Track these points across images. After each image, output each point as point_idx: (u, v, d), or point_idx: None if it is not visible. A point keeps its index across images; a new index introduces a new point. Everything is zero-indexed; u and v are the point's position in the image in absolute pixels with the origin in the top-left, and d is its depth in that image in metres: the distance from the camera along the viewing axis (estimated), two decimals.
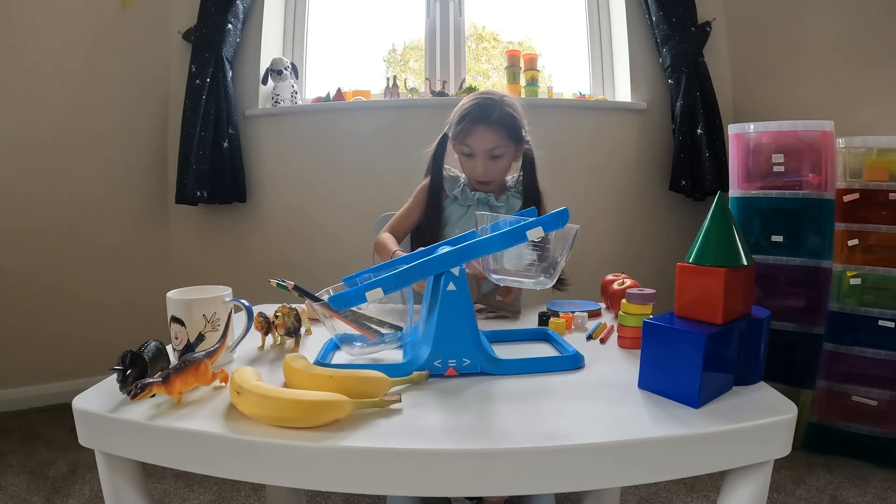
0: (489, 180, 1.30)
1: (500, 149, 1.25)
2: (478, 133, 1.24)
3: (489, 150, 1.25)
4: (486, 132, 1.23)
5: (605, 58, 2.41)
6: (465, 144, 1.27)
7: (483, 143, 1.24)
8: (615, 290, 1.07)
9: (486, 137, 1.24)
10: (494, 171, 1.29)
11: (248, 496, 1.53)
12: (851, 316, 1.68)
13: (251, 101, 2.27)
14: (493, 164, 1.27)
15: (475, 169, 1.28)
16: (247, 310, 0.85)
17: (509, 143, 1.26)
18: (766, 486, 0.63)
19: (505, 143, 1.25)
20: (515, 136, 1.27)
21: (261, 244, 2.31)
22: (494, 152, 1.25)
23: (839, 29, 2.08)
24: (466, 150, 1.27)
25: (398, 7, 2.51)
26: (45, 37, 2.04)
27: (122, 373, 0.67)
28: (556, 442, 0.57)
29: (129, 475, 0.68)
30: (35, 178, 2.08)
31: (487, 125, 1.23)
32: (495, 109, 1.24)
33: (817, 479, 1.60)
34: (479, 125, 1.23)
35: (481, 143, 1.25)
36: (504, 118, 1.24)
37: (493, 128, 1.23)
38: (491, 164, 1.27)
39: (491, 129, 1.23)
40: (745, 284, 0.71)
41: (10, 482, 1.58)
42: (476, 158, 1.27)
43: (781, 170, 1.74)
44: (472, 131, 1.24)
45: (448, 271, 0.76)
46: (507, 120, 1.24)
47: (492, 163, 1.27)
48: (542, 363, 0.79)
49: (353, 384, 0.67)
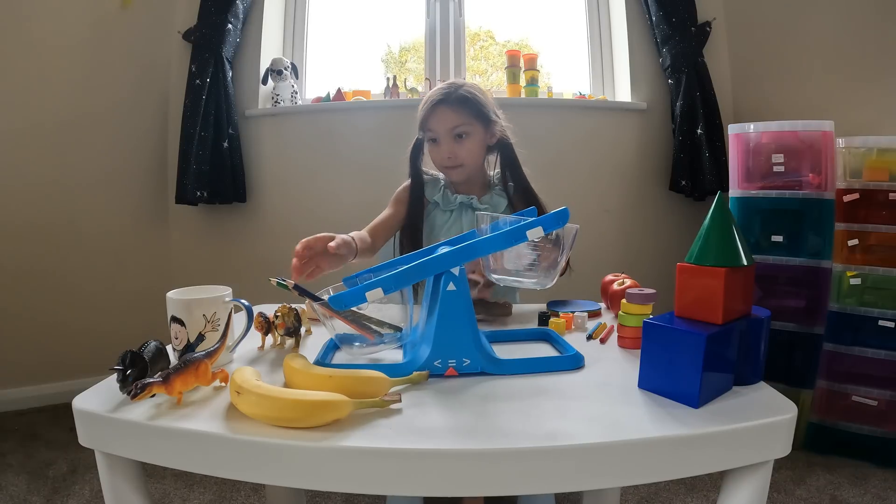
0: (457, 164, 1.24)
1: (463, 126, 1.21)
2: (438, 114, 1.21)
3: (451, 129, 1.21)
4: (446, 111, 1.20)
5: (605, 58, 2.41)
6: (428, 130, 1.23)
7: (444, 122, 1.21)
8: (615, 290, 1.07)
9: (447, 116, 1.20)
10: (462, 153, 1.23)
11: (248, 496, 1.53)
12: (851, 316, 1.68)
13: (251, 101, 2.27)
14: (459, 146, 1.22)
15: (441, 152, 1.23)
16: (247, 310, 0.85)
17: (474, 122, 1.22)
18: (766, 486, 0.63)
19: (468, 120, 1.21)
20: (479, 113, 1.23)
21: (261, 244, 2.31)
22: (457, 130, 1.21)
23: (839, 29, 2.08)
24: (431, 135, 1.23)
25: (398, 7, 2.51)
26: (45, 37, 2.04)
27: (122, 373, 0.67)
28: (556, 442, 0.57)
29: (129, 475, 0.68)
30: (35, 177, 2.08)
31: (447, 105, 1.20)
32: (454, 91, 1.21)
33: (817, 479, 1.60)
34: (438, 106, 1.21)
35: (442, 123, 1.21)
36: (464, 97, 1.21)
37: (452, 107, 1.20)
38: (456, 146, 1.22)
39: (451, 108, 1.20)
40: (745, 284, 0.71)
41: (10, 482, 1.58)
42: (440, 142, 1.23)
43: (781, 170, 1.74)
44: (433, 114, 1.21)
45: (448, 271, 0.76)
46: (468, 97, 1.21)
47: (457, 144, 1.22)
48: (542, 363, 0.79)
49: (353, 384, 0.67)
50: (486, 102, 1.25)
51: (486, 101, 1.25)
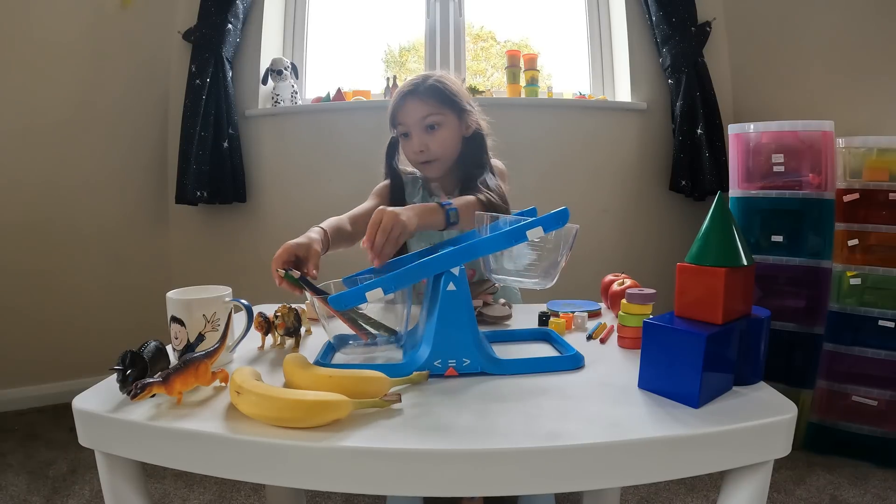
0: (431, 158, 1.19)
1: (433, 116, 1.17)
2: (408, 105, 1.18)
3: (421, 120, 1.17)
4: (415, 102, 1.17)
5: (605, 58, 2.41)
6: (399, 124, 1.20)
7: (413, 113, 1.18)
8: (615, 290, 1.07)
9: (416, 107, 1.17)
10: (434, 145, 1.18)
11: (248, 496, 1.53)
12: (851, 316, 1.68)
13: (251, 101, 2.27)
14: (431, 137, 1.18)
15: (412, 145, 1.19)
16: (247, 310, 0.85)
17: (446, 111, 1.18)
18: (766, 486, 0.63)
19: (439, 110, 1.17)
20: (451, 103, 1.19)
21: (261, 244, 2.30)
22: (428, 121, 1.17)
23: (839, 29, 2.08)
24: (402, 129, 1.20)
25: (398, 7, 2.51)
26: (45, 36, 2.03)
27: (122, 373, 0.67)
28: (556, 442, 0.57)
29: (129, 475, 0.68)
30: (34, 177, 2.08)
31: (415, 96, 1.17)
32: (423, 82, 1.18)
33: (817, 479, 1.60)
34: (407, 98, 1.18)
35: (412, 115, 1.18)
36: (433, 87, 1.18)
37: (422, 97, 1.17)
38: (428, 137, 1.18)
39: (419, 99, 1.17)
40: (745, 284, 0.71)
41: (10, 482, 1.58)
42: (411, 134, 1.19)
43: (781, 170, 1.74)
44: (402, 107, 1.18)
45: (448, 271, 0.76)
46: (437, 87, 1.18)
47: (428, 135, 1.18)
48: (542, 363, 0.79)
49: (353, 384, 0.67)
50: (459, 92, 1.21)
51: (459, 91, 1.22)
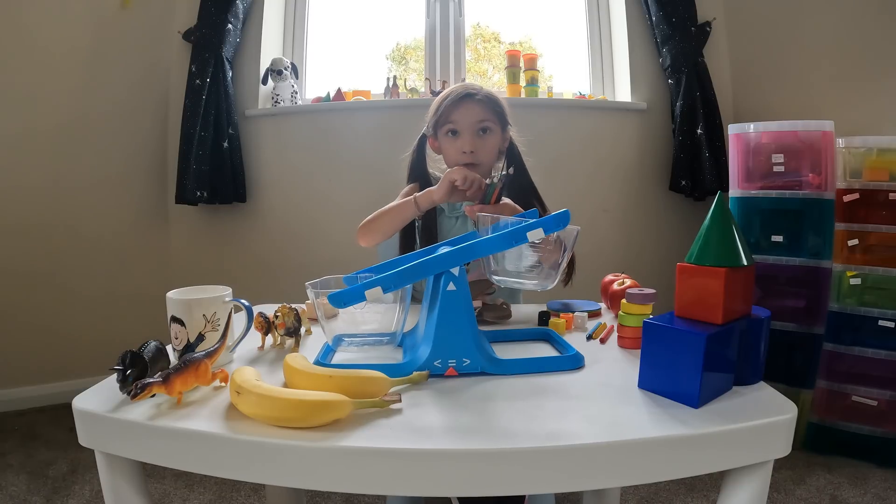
0: (476, 161, 1.19)
1: (488, 122, 1.19)
2: (464, 107, 1.19)
3: (477, 123, 1.18)
4: (473, 105, 1.18)
5: (605, 58, 2.41)
6: (449, 122, 1.19)
7: (470, 115, 1.18)
8: (615, 290, 1.07)
9: (474, 110, 1.18)
10: (485, 148, 1.20)
11: (248, 496, 1.53)
12: (851, 316, 1.68)
13: (251, 101, 2.27)
14: (482, 140, 1.19)
15: (463, 144, 1.18)
16: (247, 310, 0.85)
17: (496, 121, 1.21)
18: (766, 486, 0.63)
19: (492, 118, 1.20)
20: (501, 116, 1.22)
21: (261, 244, 2.31)
22: (483, 125, 1.19)
23: (839, 29, 2.08)
24: (451, 128, 1.20)
25: (398, 7, 2.51)
26: (44, 37, 2.04)
27: (122, 373, 0.67)
28: (557, 442, 0.57)
29: (129, 475, 0.68)
30: (35, 177, 2.08)
31: (474, 100, 1.18)
32: (480, 89, 1.21)
33: (817, 479, 1.60)
34: (464, 101, 1.19)
35: (468, 116, 1.18)
36: (490, 96, 1.20)
37: (479, 103, 1.19)
38: (479, 140, 1.19)
39: (478, 103, 1.18)
40: (745, 284, 0.71)
41: (10, 482, 1.58)
42: (462, 134, 1.19)
43: (781, 170, 1.74)
44: (457, 107, 1.19)
45: (448, 271, 0.76)
46: (493, 98, 1.21)
47: (479, 138, 1.19)
48: (542, 363, 0.79)
49: (353, 384, 0.67)
50: (506, 108, 1.25)
51: (506, 107, 1.25)
